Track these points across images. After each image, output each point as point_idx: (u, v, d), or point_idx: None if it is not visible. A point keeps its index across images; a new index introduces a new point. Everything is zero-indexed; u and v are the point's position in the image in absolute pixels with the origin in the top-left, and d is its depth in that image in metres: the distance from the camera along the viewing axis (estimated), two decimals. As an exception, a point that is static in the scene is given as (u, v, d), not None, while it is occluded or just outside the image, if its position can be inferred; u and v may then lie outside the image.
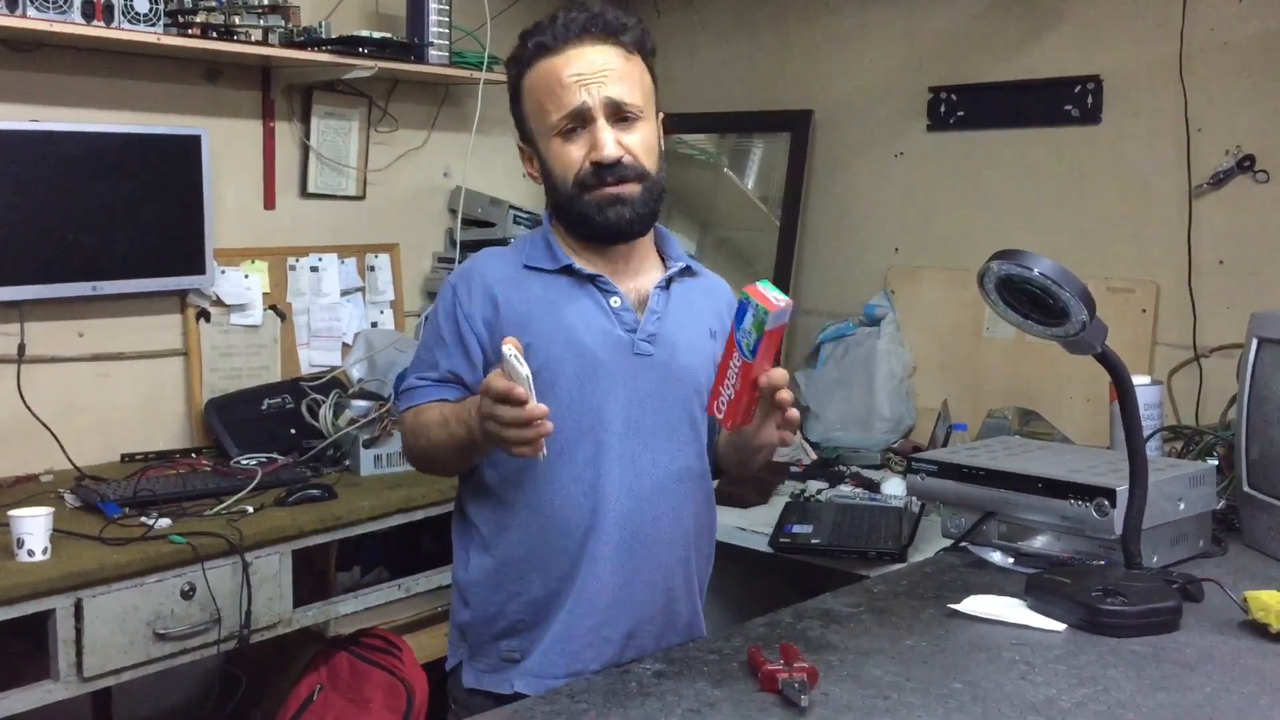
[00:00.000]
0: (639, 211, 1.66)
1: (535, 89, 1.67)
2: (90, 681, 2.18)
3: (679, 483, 1.70)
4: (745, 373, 1.49)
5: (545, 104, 1.65)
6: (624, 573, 1.65)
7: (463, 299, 1.70)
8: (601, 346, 1.66)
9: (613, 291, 1.69)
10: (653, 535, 1.67)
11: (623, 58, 1.66)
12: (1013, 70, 3.10)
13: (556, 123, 1.64)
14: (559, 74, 1.64)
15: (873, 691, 1.41)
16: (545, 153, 1.68)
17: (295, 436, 2.93)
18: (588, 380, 1.64)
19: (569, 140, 1.65)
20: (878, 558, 2.34)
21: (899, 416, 3.18)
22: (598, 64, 1.64)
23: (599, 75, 1.63)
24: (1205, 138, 2.80)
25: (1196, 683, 1.45)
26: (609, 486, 1.64)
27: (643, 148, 1.66)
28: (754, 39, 3.62)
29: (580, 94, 1.63)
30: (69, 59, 2.76)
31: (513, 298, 1.68)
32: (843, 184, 3.45)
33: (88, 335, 2.84)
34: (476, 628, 1.71)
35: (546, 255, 1.71)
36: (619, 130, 1.64)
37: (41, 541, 2.14)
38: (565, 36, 1.65)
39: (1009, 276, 1.60)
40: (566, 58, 1.64)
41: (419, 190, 3.48)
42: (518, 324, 1.64)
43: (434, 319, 1.75)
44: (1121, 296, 2.90)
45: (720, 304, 1.80)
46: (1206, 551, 1.99)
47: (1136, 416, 1.70)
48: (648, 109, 1.68)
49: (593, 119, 1.63)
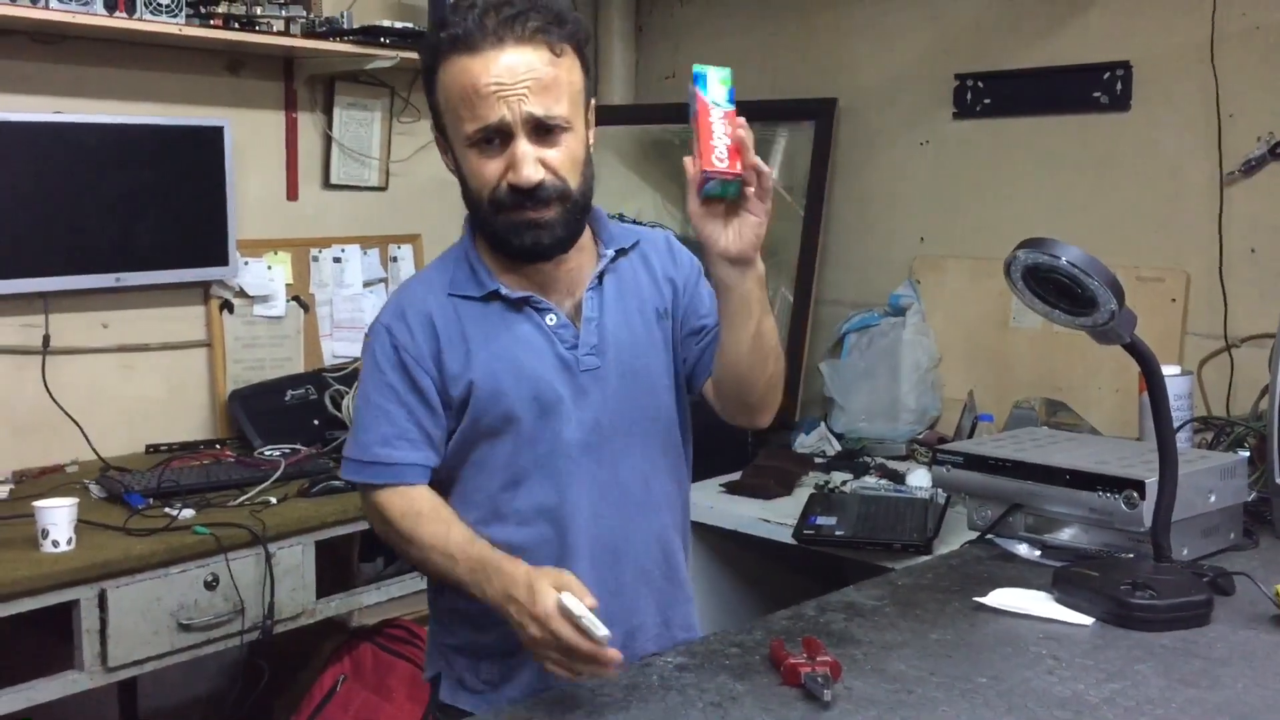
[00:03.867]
0: (558, 235, 1.52)
1: (449, 89, 1.50)
2: (115, 671, 2.20)
3: (646, 484, 1.62)
4: (732, 120, 1.42)
5: (460, 110, 1.48)
6: (605, 588, 1.51)
7: (403, 341, 1.55)
8: (548, 370, 1.55)
9: (546, 309, 1.57)
10: (627, 547, 1.60)
11: (549, 60, 1.48)
12: (1040, 57, 3.07)
13: (472, 134, 1.48)
14: (475, 80, 1.46)
15: (897, 686, 1.40)
16: (460, 159, 1.54)
17: (318, 427, 2.94)
18: (542, 410, 1.54)
19: (484, 154, 1.49)
20: (902, 550, 2.32)
21: (924, 407, 3.16)
22: (519, 71, 1.45)
23: (521, 85, 1.45)
24: (1236, 124, 2.76)
25: (1227, 678, 1.42)
26: (574, 512, 1.56)
27: (566, 162, 1.50)
28: (777, 27, 3.59)
29: (499, 108, 1.45)
30: (92, 51, 2.77)
31: (450, 331, 1.55)
32: (867, 173, 3.42)
33: (112, 327, 2.86)
34: (451, 648, 1.64)
35: (471, 280, 1.58)
36: (540, 146, 1.48)
37: (66, 532, 2.16)
38: (483, 35, 1.46)
39: (1036, 265, 1.58)
40: (485, 60, 1.46)
41: (441, 181, 3.40)
42: (459, 359, 1.54)
43: (374, 371, 1.57)
44: (1151, 286, 2.86)
45: (660, 265, 1.66)
46: (1237, 544, 1.97)
47: (1166, 407, 1.67)
48: (575, 115, 1.51)
49: (512, 135, 1.47)
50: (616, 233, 1.65)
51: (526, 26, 1.47)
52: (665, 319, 1.64)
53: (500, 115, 1.46)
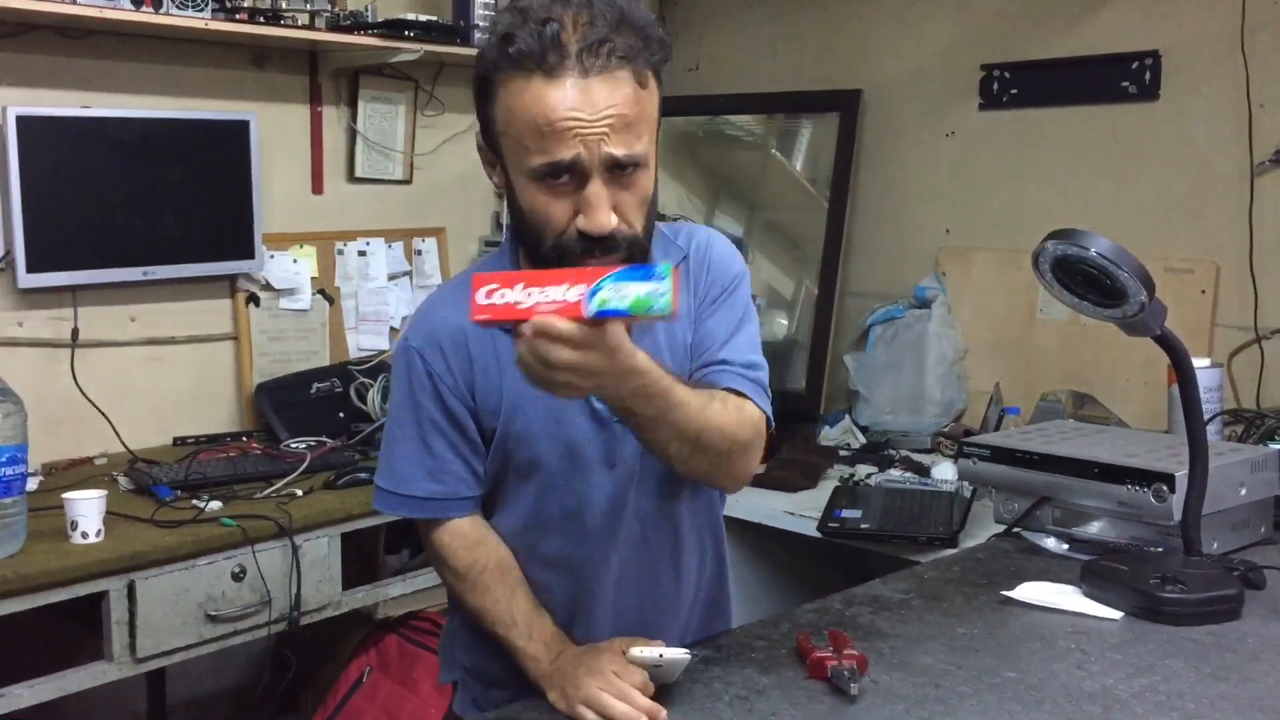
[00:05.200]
0: None
1: (513, 111, 1.30)
2: (143, 662, 2.21)
3: (676, 529, 1.52)
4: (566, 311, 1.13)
5: (525, 139, 1.29)
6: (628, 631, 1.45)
7: (438, 369, 1.43)
8: (581, 421, 1.43)
9: None
10: (654, 591, 1.52)
11: (634, 90, 1.29)
12: (1068, 46, 3.04)
13: (538, 168, 1.29)
14: (548, 109, 1.26)
15: (923, 680, 1.39)
16: (518, 188, 1.35)
17: (344, 420, 2.95)
18: (571, 462, 1.44)
19: (550, 190, 1.31)
20: (928, 543, 2.31)
21: (950, 400, 3.14)
22: (600, 105, 1.26)
23: (602, 122, 1.27)
24: (1267, 114, 2.73)
25: (1259, 673, 1.41)
26: (600, 563, 1.48)
27: (638, 204, 1.34)
28: (801, 18, 3.57)
29: (574, 145, 1.27)
30: (118, 45, 2.78)
31: (486, 361, 1.43)
32: (893, 164, 3.40)
33: (140, 320, 2.87)
34: (465, 669, 1.59)
35: None
36: (614, 188, 1.30)
37: (95, 524, 2.17)
38: (561, 58, 1.26)
39: (1065, 256, 1.56)
40: (561, 90, 1.26)
41: (466, 174, 3.48)
42: (494, 394, 1.43)
43: (408, 398, 1.46)
44: (1180, 277, 2.84)
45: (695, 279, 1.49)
46: (1268, 538, 1.95)
47: (1197, 399, 1.65)
48: (651, 149, 1.35)
49: (585, 176, 1.29)
50: (659, 255, 1.45)
51: (614, 54, 1.28)
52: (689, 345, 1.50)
53: (575, 154, 1.27)
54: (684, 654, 1.33)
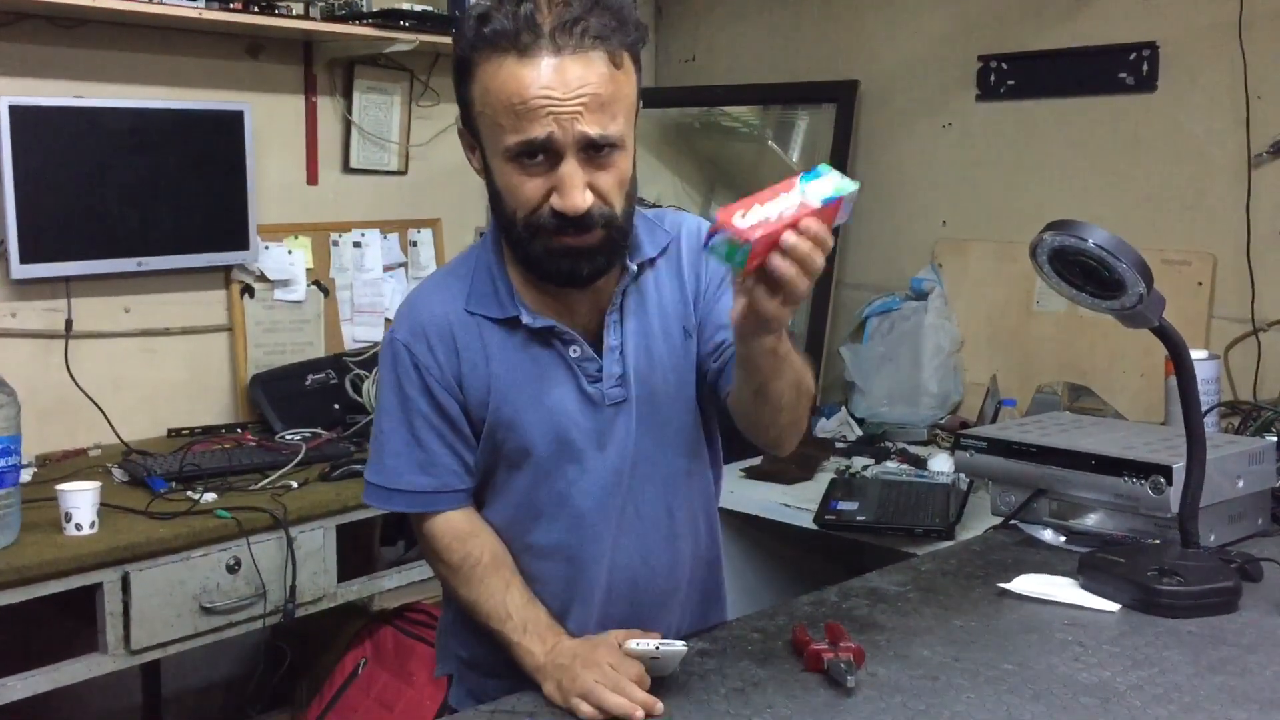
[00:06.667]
0: (598, 264, 1.38)
1: (489, 91, 1.32)
2: (138, 654, 2.21)
3: (670, 514, 1.52)
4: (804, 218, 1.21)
5: (500, 118, 1.31)
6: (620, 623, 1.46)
7: (425, 362, 1.44)
8: (571, 406, 1.44)
9: (570, 340, 1.44)
10: (648, 579, 1.52)
11: (608, 74, 1.30)
12: (1065, 37, 3.03)
13: (513, 146, 1.31)
14: (523, 89, 1.28)
15: (920, 672, 1.38)
16: (494, 169, 1.37)
17: (339, 411, 2.95)
18: (562, 448, 1.44)
19: (525, 170, 1.32)
20: (925, 535, 2.31)
21: (946, 392, 3.14)
22: (573, 83, 1.28)
23: (575, 100, 1.28)
24: (1265, 105, 2.72)
25: (1256, 665, 1.40)
26: (593, 550, 1.48)
27: (615, 184, 1.34)
28: (798, 8, 3.56)
29: (548, 124, 1.28)
30: (112, 34, 2.77)
31: (473, 351, 1.44)
32: (889, 156, 3.39)
33: (134, 311, 2.86)
34: (462, 661, 1.58)
35: (491, 298, 1.45)
36: (590, 168, 1.32)
37: (89, 515, 2.17)
38: (535, 37, 1.28)
39: (1063, 248, 1.56)
40: (535, 68, 1.28)
41: (461, 165, 3.37)
42: (481, 384, 1.43)
43: (396, 391, 1.46)
44: (1177, 269, 2.84)
45: (690, 263, 1.51)
46: (1265, 530, 1.94)
47: (1195, 391, 1.65)
48: (628, 131, 1.35)
49: (559, 154, 1.30)
50: (645, 238, 1.48)
51: (587, 33, 1.29)
52: (691, 337, 1.51)
53: (549, 132, 1.29)
54: (680, 646, 1.33)
